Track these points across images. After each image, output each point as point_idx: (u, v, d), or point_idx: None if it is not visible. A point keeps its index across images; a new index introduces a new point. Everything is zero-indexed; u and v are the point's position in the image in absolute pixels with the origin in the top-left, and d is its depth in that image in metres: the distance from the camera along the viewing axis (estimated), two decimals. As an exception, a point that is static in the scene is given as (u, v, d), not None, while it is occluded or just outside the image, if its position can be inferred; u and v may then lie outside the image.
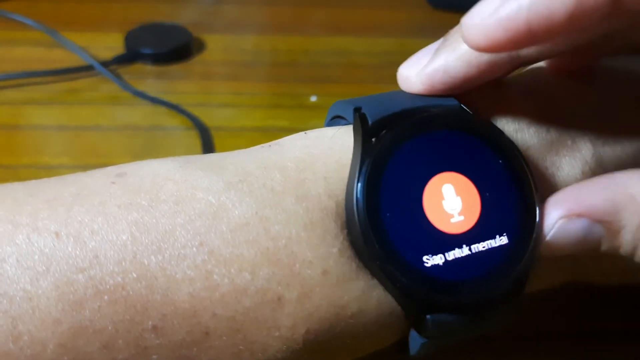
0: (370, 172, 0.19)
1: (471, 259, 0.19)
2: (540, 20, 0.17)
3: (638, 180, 0.19)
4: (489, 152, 0.20)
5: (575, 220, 0.19)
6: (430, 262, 0.19)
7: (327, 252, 0.19)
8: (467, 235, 0.19)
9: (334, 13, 0.59)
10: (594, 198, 0.19)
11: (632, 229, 0.19)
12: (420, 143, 0.20)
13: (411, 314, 0.19)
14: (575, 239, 0.19)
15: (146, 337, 0.18)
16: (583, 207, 0.19)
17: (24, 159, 0.40)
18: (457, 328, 0.19)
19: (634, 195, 0.19)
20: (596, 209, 0.19)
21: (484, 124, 0.21)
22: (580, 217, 0.19)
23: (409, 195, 0.19)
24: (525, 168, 0.20)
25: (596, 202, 0.19)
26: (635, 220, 0.19)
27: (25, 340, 0.17)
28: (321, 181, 0.20)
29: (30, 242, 0.18)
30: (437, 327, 0.19)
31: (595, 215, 0.19)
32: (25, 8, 0.53)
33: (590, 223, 0.19)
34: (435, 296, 0.19)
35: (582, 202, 0.19)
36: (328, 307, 0.19)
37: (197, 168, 0.20)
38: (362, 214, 0.19)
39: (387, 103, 0.21)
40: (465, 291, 0.19)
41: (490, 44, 0.18)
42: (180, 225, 0.18)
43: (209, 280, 0.18)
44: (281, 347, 0.19)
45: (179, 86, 0.48)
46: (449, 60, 0.20)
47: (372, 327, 0.19)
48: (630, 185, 0.19)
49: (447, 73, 0.20)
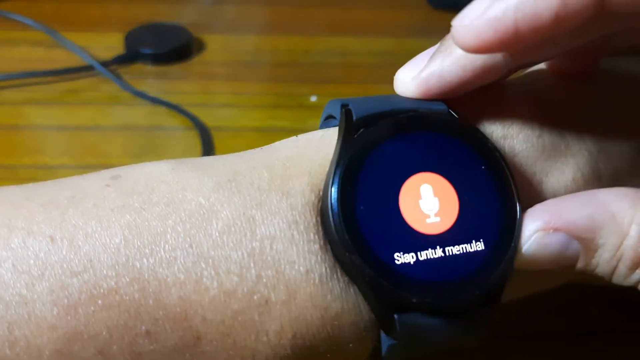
0: (348, 165, 0.19)
1: (444, 262, 0.19)
2: (527, 20, 0.17)
3: (620, 199, 0.18)
4: (471, 156, 0.20)
5: (553, 234, 0.18)
6: (401, 260, 0.18)
7: (309, 250, 0.19)
8: (442, 237, 0.19)
9: (334, 13, 0.59)
10: (574, 213, 0.18)
11: (610, 249, 0.18)
12: (402, 141, 0.20)
13: (379, 312, 0.19)
14: (552, 254, 0.19)
15: (140, 342, 0.18)
16: (561, 222, 0.18)
17: (24, 159, 0.40)
18: (425, 331, 0.19)
19: (615, 213, 0.18)
20: (575, 224, 0.18)
21: (468, 129, 0.21)
22: (557, 232, 0.18)
23: (385, 191, 0.19)
24: (508, 175, 0.20)
25: (575, 217, 0.18)
26: (614, 241, 0.18)
27: (22, 346, 0.17)
28: (305, 176, 0.20)
29: (25, 246, 0.18)
30: (404, 327, 0.18)
31: (574, 231, 0.18)
32: (25, 8, 0.53)
33: (567, 238, 0.18)
34: (403, 295, 0.18)
35: (561, 216, 0.18)
36: (312, 309, 0.19)
37: (188, 169, 0.20)
38: (336, 204, 0.18)
39: (376, 103, 0.21)
40: (435, 293, 0.18)
41: (479, 45, 0.18)
42: (171, 227, 0.18)
43: (199, 283, 0.18)
44: (270, 352, 0.19)
45: (179, 86, 0.48)
46: (444, 64, 0.20)
47: (355, 329, 0.19)
48: (612, 203, 0.18)
49: (442, 78, 0.20)
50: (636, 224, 0.18)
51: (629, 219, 0.18)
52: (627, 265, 0.18)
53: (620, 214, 0.18)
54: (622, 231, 0.18)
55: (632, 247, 0.18)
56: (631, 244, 0.18)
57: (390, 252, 0.18)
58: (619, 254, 0.18)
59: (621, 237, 0.18)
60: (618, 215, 0.18)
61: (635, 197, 0.18)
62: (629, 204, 0.18)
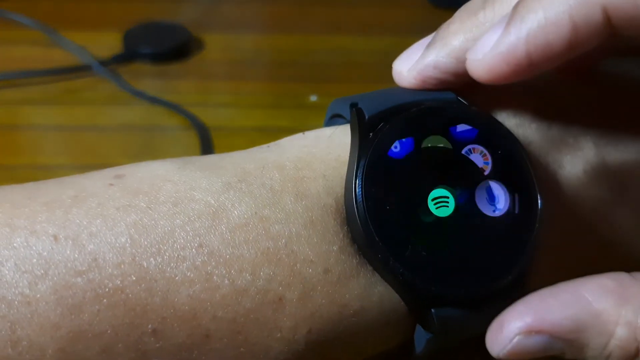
0: (369, 165, 0.19)
1: (474, 251, 0.19)
2: (539, 51, 0.18)
3: (604, 296, 0.18)
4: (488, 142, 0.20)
5: (535, 336, 0.18)
6: (431, 255, 0.19)
7: (328, 250, 0.19)
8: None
9: (334, 12, 0.59)
10: (557, 315, 0.18)
11: (597, 348, 0.18)
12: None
13: (415, 308, 0.19)
14: (535, 353, 0.18)
15: (146, 340, 0.18)
16: (545, 325, 0.18)
17: (22, 159, 0.40)
18: (461, 322, 0.19)
19: (599, 313, 0.18)
20: (558, 326, 0.18)
21: (482, 115, 0.20)
22: (540, 334, 0.18)
23: (410, 187, 0.19)
24: (526, 159, 0.20)
25: (559, 319, 0.18)
26: (600, 341, 0.18)
27: (24, 345, 0.17)
28: (320, 179, 0.20)
29: (28, 245, 0.18)
30: (441, 320, 0.19)
31: (557, 334, 0.18)
32: (23, 7, 0.53)
33: (550, 339, 0.18)
34: (438, 289, 0.19)
35: (544, 318, 0.18)
36: (330, 306, 0.19)
37: (195, 169, 0.20)
38: (362, 208, 0.19)
39: (384, 98, 0.21)
40: (468, 284, 0.19)
41: (494, 77, 0.19)
42: (179, 227, 0.18)
43: (209, 281, 0.18)
44: (283, 348, 0.19)
45: (178, 86, 0.48)
46: (440, 56, 0.20)
47: (375, 325, 0.19)
48: (595, 301, 0.18)
49: (437, 69, 0.20)
50: (622, 325, 0.17)
51: (615, 318, 0.17)
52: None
53: (606, 314, 0.17)
54: (608, 331, 0.17)
55: (621, 346, 0.17)
56: (619, 344, 0.17)
57: (420, 249, 0.19)
58: (607, 352, 0.18)
59: (607, 337, 0.18)
60: (603, 314, 0.17)
61: (620, 293, 0.18)
62: (613, 302, 0.18)
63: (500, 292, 0.19)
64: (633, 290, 0.18)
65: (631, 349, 0.17)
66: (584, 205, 0.21)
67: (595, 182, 0.21)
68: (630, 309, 0.17)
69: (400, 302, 0.19)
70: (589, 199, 0.21)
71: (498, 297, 0.19)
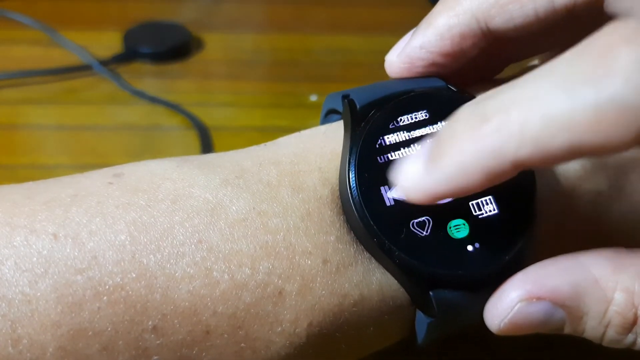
0: (361, 153, 0.19)
1: (469, 232, 0.19)
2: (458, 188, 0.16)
3: (602, 264, 0.18)
4: None
5: (536, 303, 0.18)
6: (427, 237, 0.19)
7: (326, 241, 0.19)
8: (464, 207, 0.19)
9: (334, 11, 0.59)
10: (556, 281, 0.18)
11: (596, 316, 0.18)
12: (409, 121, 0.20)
13: (414, 293, 0.19)
14: (535, 322, 0.18)
15: (146, 337, 0.18)
16: (544, 290, 0.18)
17: (22, 159, 0.40)
18: (460, 303, 0.19)
19: (598, 279, 0.18)
20: (558, 292, 0.18)
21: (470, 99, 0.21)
22: (540, 300, 0.18)
23: None
24: None
25: (558, 284, 0.18)
26: (599, 308, 0.18)
27: (25, 344, 0.17)
28: (316, 172, 0.20)
29: (28, 244, 0.18)
30: (440, 302, 0.19)
31: (557, 300, 0.18)
32: (23, 7, 0.53)
33: (551, 306, 0.18)
34: (435, 270, 0.19)
35: (544, 284, 0.18)
36: (330, 297, 0.19)
37: (193, 167, 0.20)
38: (355, 194, 0.19)
39: (375, 89, 0.21)
40: (465, 265, 0.19)
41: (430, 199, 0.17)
42: (178, 223, 0.18)
43: (209, 277, 0.18)
44: (284, 342, 0.19)
45: (178, 85, 0.48)
46: (426, 35, 0.21)
47: (375, 314, 0.20)
48: (595, 268, 0.18)
49: (424, 48, 0.21)
50: (620, 290, 0.17)
51: (613, 284, 0.17)
52: (617, 331, 0.18)
53: (604, 280, 0.18)
54: (606, 298, 0.18)
55: (619, 312, 0.18)
56: (618, 310, 0.18)
57: (416, 231, 0.19)
58: (606, 321, 0.18)
59: (606, 304, 0.18)
60: (601, 280, 0.18)
61: (617, 260, 0.18)
62: (611, 269, 0.18)
63: (498, 275, 0.19)
64: (630, 259, 0.18)
65: (629, 315, 0.17)
66: (582, 197, 0.21)
67: (594, 176, 0.21)
68: (627, 276, 0.17)
69: (400, 289, 0.20)
70: (587, 192, 0.21)
71: (496, 280, 0.19)
